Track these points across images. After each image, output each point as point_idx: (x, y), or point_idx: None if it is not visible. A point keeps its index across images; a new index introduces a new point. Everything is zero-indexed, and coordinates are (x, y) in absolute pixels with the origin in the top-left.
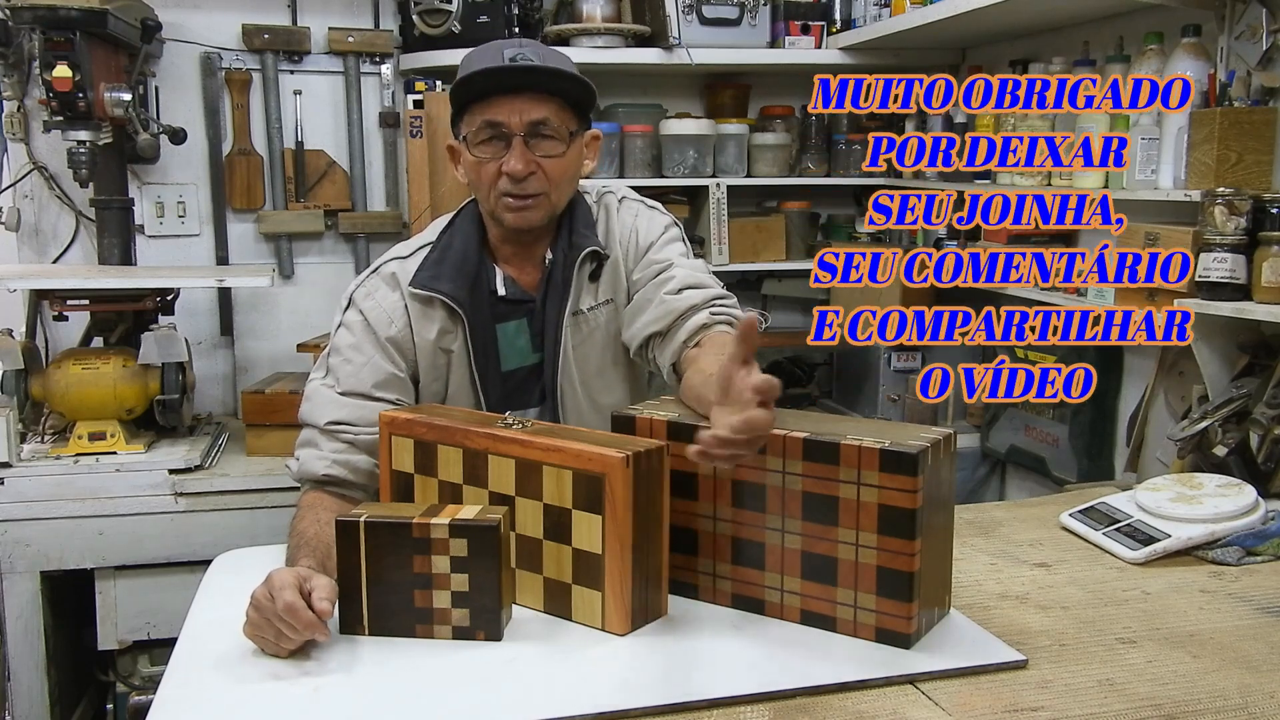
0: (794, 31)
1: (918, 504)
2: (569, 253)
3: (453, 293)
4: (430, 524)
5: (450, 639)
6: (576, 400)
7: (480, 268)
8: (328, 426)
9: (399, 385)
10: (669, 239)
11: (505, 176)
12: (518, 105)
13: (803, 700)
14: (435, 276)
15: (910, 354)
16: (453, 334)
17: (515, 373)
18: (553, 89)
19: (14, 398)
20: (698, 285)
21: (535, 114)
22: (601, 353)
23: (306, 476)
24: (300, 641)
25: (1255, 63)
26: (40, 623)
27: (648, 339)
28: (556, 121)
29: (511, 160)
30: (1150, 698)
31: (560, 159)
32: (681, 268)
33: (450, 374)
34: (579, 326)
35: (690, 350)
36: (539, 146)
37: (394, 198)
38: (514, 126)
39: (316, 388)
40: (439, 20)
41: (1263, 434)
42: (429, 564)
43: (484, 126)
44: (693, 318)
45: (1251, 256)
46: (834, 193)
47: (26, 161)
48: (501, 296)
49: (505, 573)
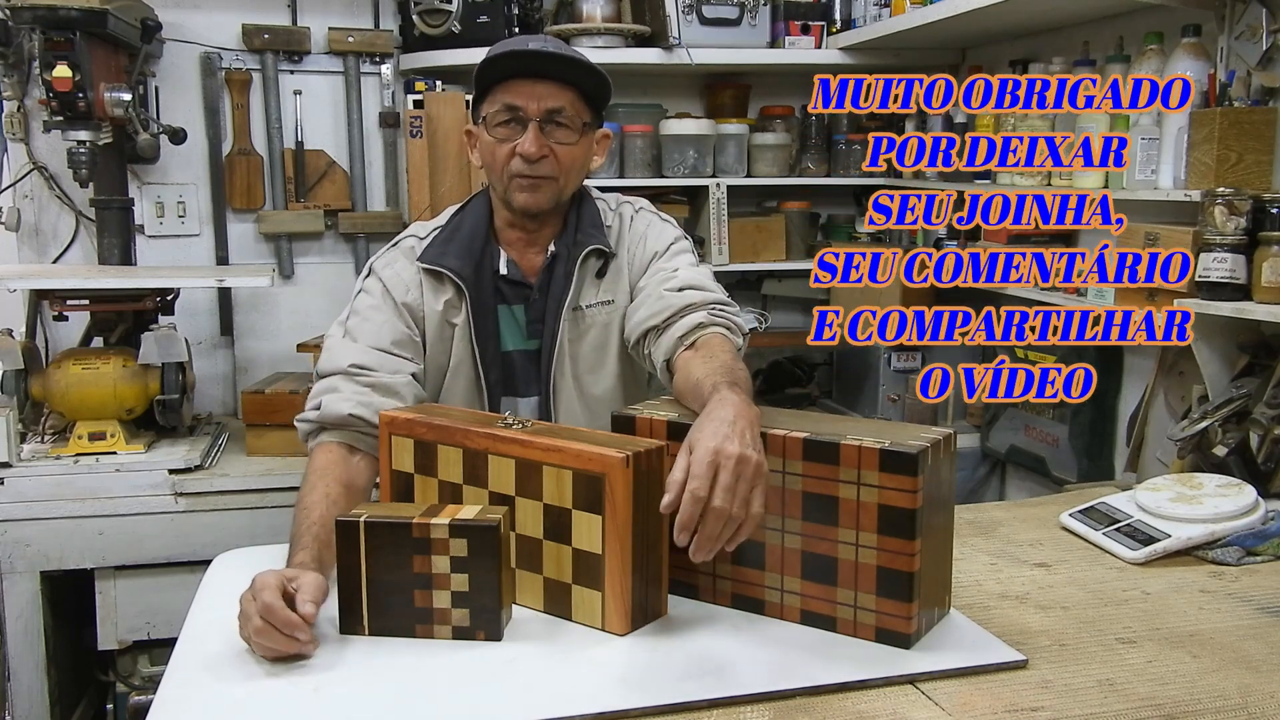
0: (794, 31)
1: (918, 504)
2: (573, 248)
3: (458, 268)
4: (430, 524)
5: (450, 639)
6: (569, 393)
7: (486, 247)
8: (350, 368)
9: (412, 347)
10: (678, 250)
11: (519, 157)
12: (537, 91)
13: (803, 700)
14: (443, 253)
15: (910, 354)
16: (457, 308)
17: (512, 355)
18: (571, 80)
19: (14, 398)
20: (700, 287)
21: (552, 102)
22: (597, 350)
23: (330, 419)
24: (288, 646)
25: (1255, 63)
26: (40, 623)
27: (645, 333)
28: (572, 111)
29: (526, 142)
30: (1150, 698)
31: (572, 147)
32: (686, 271)
33: (453, 347)
34: (577, 321)
35: (685, 352)
36: (553, 133)
37: (394, 198)
38: (531, 112)
39: (338, 341)
40: (439, 20)
41: (1263, 434)
42: (429, 564)
43: (503, 109)
44: (690, 315)
45: (1251, 256)
46: (834, 193)
47: (26, 161)
48: (504, 276)
49: (505, 573)
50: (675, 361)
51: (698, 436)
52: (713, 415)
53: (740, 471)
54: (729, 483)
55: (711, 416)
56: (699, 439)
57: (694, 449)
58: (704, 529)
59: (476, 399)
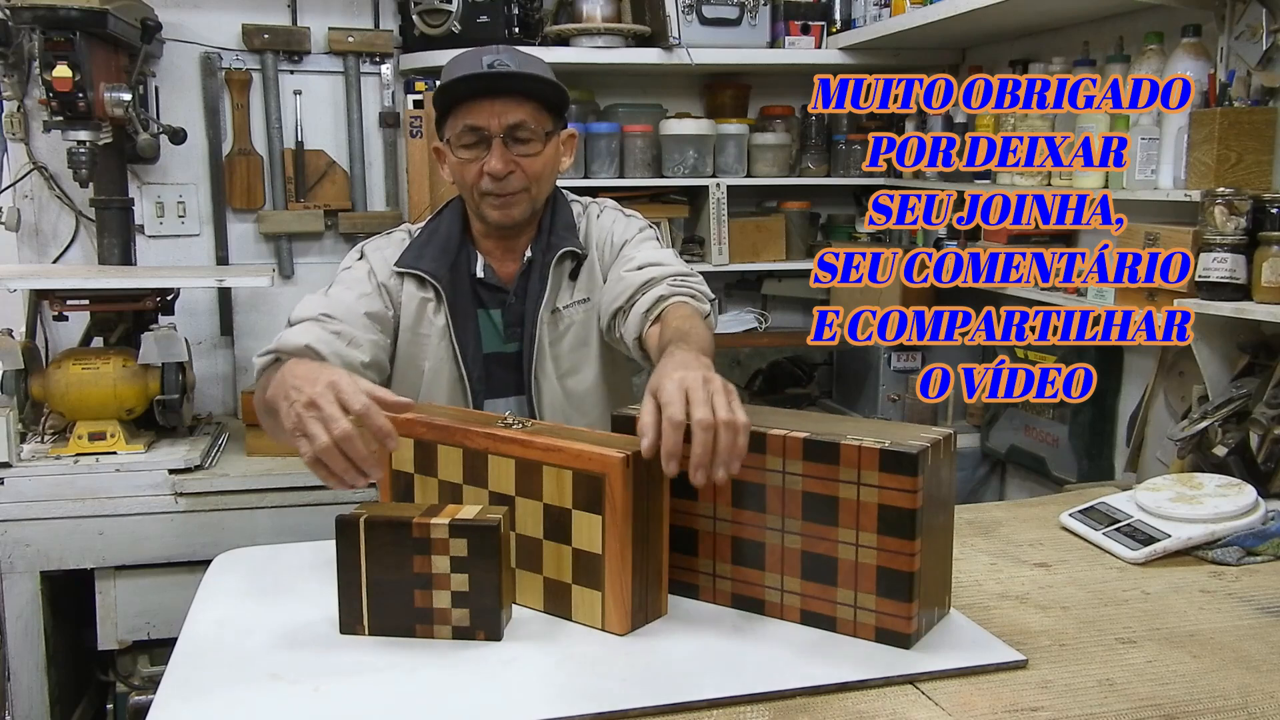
0: (794, 31)
1: (918, 504)
2: (547, 252)
3: (433, 270)
4: (430, 524)
5: (450, 639)
6: (553, 393)
7: (462, 250)
8: (320, 315)
9: (385, 323)
10: (643, 238)
11: (487, 176)
12: (496, 109)
13: (803, 700)
14: (419, 257)
15: (910, 354)
16: (436, 310)
17: (492, 357)
18: (528, 92)
19: (14, 398)
20: (659, 264)
21: (513, 117)
22: (577, 348)
23: (288, 348)
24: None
25: (1255, 63)
26: (40, 623)
27: (613, 315)
28: (533, 123)
29: (492, 160)
30: (1150, 698)
31: (538, 157)
32: (646, 252)
33: (431, 348)
34: (555, 323)
35: (651, 326)
36: (516, 148)
37: (394, 198)
38: (493, 129)
39: (310, 298)
40: (439, 20)
41: (1263, 434)
42: (429, 564)
43: (466, 131)
44: (651, 290)
45: (1251, 256)
46: (834, 193)
47: (26, 161)
48: (480, 280)
49: (505, 573)
50: (645, 339)
51: (658, 380)
52: (665, 363)
53: (710, 388)
54: (703, 398)
55: (664, 364)
56: (659, 380)
57: (659, 389)
58: (694, 449)
59: (460, 400)
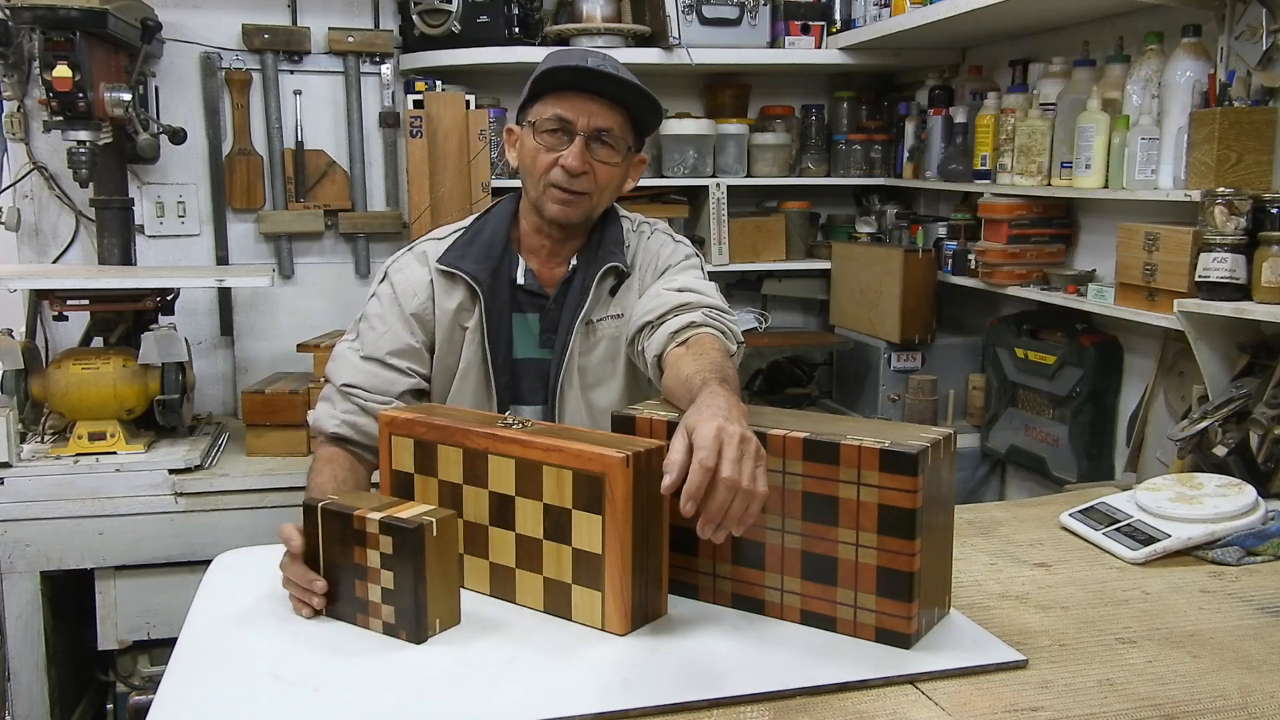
0: (794, 31)
1: (918, 504)
2: (593, 263)
3: (474, 272)
4: (366, 517)
5: (381, 633)
6: (575, 404)
7: (505, 254)
8: (343, 387)
9: (414, 355)
10: (688, 265)
11: (559, 169)
12: (589, 108)
13: (803, 700)
14: (461, 256)
15: (910, 353)
16: (470, 312)
17: (523, 363)
18: (624, 102)
19: (14, 398)
20: (698, 292)
21: (602, 120)
22: (605, 363)
23: (319, 431)
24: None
25: (1255, 63)
26: (40, 623)
27: (640, 329)
28: (619, 133)
29: (569, 156)
30: (1150, 698)
31: (613, 168)
32: (689, 278)
33: (463, 350)
34: (588, 334)
35: (675, 348)
36: (597, 151)
37: (394, 198)
38: (580, 127)
39: (343, 350)
40: (439, 20)
41: (1263, 434)
42: (365, 556)
43: (553, 119)
44: (684, 314)
45: (1251, 256)
46: (834, 193)
47: (26, 161)
48: (520, 285)
49: (440, 577)
50: (666, 357)
51: (696, 419)
52: (707, 403)
53: (744, 449)
54: (735, 456)
55: (706, 404)
56: (698, 421)
57: (695, 430)
58: (712, 500)
59: (486, 403)
